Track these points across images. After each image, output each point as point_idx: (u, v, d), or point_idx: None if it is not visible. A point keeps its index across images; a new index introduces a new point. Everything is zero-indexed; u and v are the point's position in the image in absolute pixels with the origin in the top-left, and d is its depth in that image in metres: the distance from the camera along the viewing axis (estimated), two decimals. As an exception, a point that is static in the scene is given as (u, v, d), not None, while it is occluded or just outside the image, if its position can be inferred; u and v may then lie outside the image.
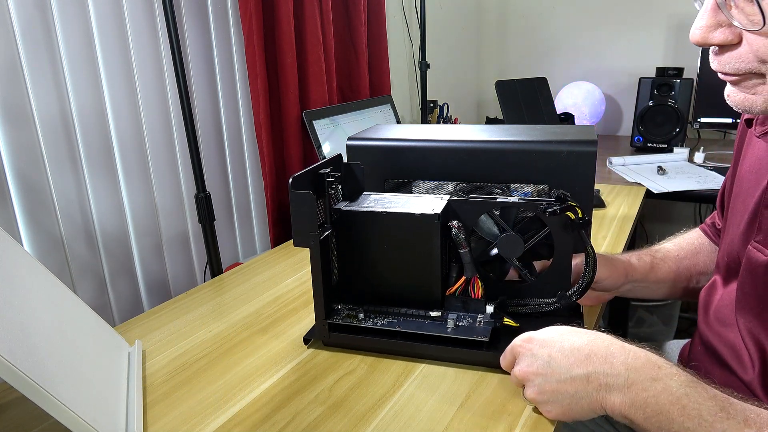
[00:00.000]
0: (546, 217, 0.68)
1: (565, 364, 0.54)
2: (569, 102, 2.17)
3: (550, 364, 0.55)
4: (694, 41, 0.53)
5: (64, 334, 0.59)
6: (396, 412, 0.62)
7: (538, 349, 0.56)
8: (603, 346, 0.54)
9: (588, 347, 0.54)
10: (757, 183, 0.66)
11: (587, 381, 0.53)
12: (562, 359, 0.54)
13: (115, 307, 1.08)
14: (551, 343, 0.56)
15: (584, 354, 0.54)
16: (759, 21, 0.47)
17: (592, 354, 0.54)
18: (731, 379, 0.67)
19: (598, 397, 0.53)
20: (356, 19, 1.51)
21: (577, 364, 0.54)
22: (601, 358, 0.53)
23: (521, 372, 0.57)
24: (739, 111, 0.56)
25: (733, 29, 0.51)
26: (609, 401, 0.52)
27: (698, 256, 0.87)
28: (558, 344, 0.56)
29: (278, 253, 1.13)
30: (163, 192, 1.14)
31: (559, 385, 0.54)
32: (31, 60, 0.90)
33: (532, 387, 0.57)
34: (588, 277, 0.70)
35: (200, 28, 1.20)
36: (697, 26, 0.52)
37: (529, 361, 0.57)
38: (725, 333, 0.69)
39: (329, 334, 0.72)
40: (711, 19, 0.51)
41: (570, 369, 0.54)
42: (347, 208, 0.71)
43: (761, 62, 0.50)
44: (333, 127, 1.36)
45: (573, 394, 0.54)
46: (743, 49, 0.51)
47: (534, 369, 0.56)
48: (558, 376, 0.54)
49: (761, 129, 0.66)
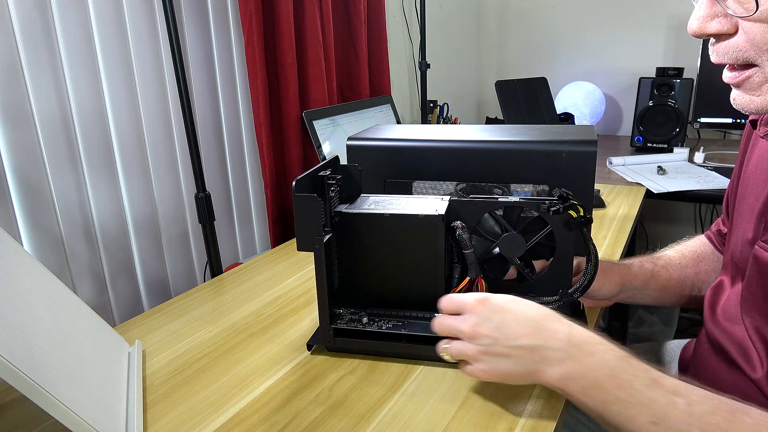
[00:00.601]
0: (548, 215, 0.68)
1: (516, 332, 0.57)
2: (569, 102, 2.17)
3: (502, 330, 0.57)
4: (691, 32, 0.54)
5: (64, 334, 0.59)
6: (396, 412, 0.62)
7: (493, 313, 0.58)
8: (551, 321, 0.57)
9: (538, 319, 0.57)
10: (763, 183, 0.66)
11: (531, 351, 0.56)
12: (515, 327, 0.57)
13: (115, 307, 1.08)
14: (506, 310, 0.58)
15: (534, 326, 0.57)
16: (752, 7, 0.48)
17: (540, 327, 0.57)
18: (739, 377, 0.67)
19: (538, 367, 0.56)
20: (356, 19, 1.51)
21: (526, 335, 0.56)
22: (547, 332, 0.56)
23: (471, 329, 0.59)
24: (746, 113, 0.56)
25: (729, 19, 0.51)
26: (547, 374, 0.56)
27: (701, 264, 0.86)
28: (513, 312, 0.58)
29: (278, 253, 1.13)
30: (163, 192, 1.14)
31: (504, 350, 0.57)
32: (31, 60, 0.90)
33: (477, 346, 0.58)
34: (589, 274, 0.70)
35: (200, 28, 1.20)
36: (694, 17, 0.53)
37: (480, 321, 0.58)
38: (733, 331, 0.69)
39: (334, 340, 0.72)
40: (707, 9, 0.52)
41: (519, 338, 0.56)
42: (348, 210, 0.70)
43: (758, 51, 0.50)
44: (333, 127, 1.36)
45: (515, 360, 0.57)
46: (740, 38, 0.51)
47: (484, 330, 0.58)
48: (506, 341, 0.57)
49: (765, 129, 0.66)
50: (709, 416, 0.49)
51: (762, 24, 0.49)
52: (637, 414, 0.51)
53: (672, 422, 0.50)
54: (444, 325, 0.62)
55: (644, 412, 0.51)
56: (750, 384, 0.66)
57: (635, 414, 0.51)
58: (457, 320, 0.60)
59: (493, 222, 0.72)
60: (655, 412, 0.51)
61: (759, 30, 0.49)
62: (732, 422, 0.49)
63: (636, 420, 0.51)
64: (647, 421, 0.51)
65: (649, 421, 0.51)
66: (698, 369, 0.78)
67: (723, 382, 0.70)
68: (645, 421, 0.51)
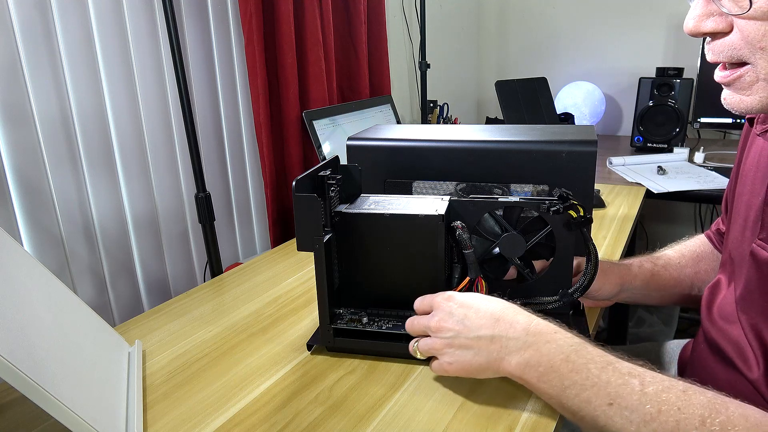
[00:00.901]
0: (548, 215, 0.68)
1: (476, 324, 0.60)
2: (569, 102, 2.17)
3: (464, 322, 0.60)
4: (687, 31, 0.54)
5: (64, 334, 0.59)
6: (396, 412, 0.62)
7: (456, 308, 0.62)
8: (511, 313, 0.60)
9: (498, 313, 0.60)
10: (761, 181, 0.66)
11: (491, 341, 0.59)
12: (475, 320, 0.60)
13: (115, 307, 1.08)
14: (468, 305, 0.61)
15: (494, 318, 0.60)
16: (745, 5, 0.48)
17: (500, 319, 0.59)
18: (736, 377, 0.67)
19: (498, 357, 0.58)
20: (356, 19, 1.51)
21: (486, 326, 0.59)
22: (506, 323, 0.59)
23: (437, 324, 0.62)
24: (737, 113, 0.56)
25: (724, 17, 0.52)
26: (506, 362, 0.58)
27: (700, 264, 0.86)
28: (474, 307, 0.61)
29: (278, 253, 1.13)
30: (163, 192, 1.14)
31: (466, 341, 0.60)
32: (31, 60, 0.90)
33: (441, 339, 0.62)
34: (589, 274, 0.70)
35: (200, 28, 1.20)
36: (690, 16, 0.54)
37: (445, 316, 0.62)
38: (730, 330, 0.69)
39: (334, 340, 0.72)
40: (703, 8, 0.53)
41: (479, 329, 0.59)
42: (348, 210, 0.70)
43: (752, 49, 0.51)
44: (333, 127, 1.36)
45: (476, 351, 0.59)
46: (734, 36, 0.52)
47: (449, 324, 0.61)
48: (468, 333, 0.60)
49: (761, 127, 0.66)
50: (662, 393, 0.51)
51: (756, 21, 0.49)
52: (593, 396, 0.53)
53: (626, 401, 0.51)
54: (414, 324, 0.65)
55: (600, 393, 0.52)
56: (747, 384, 0.66)
57: (591, 396, 0.53)
58: (426, 318, 0.64)
59: (493, 222, 0.72)
60: (610, 393, 0.52)
61: (753, 27, 0.50)
62: (685, 399, 0.50)
63: (592, 402, 0.53)
64: (603, 403, 0.52)
65: (605, 402, 0.52)
66: (696, 369, 0.78)
67: (720, 382, 0.70)
68: (601, 403, 0.52)
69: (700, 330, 0.78)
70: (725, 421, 0.48)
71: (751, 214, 0.68)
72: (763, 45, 0.49)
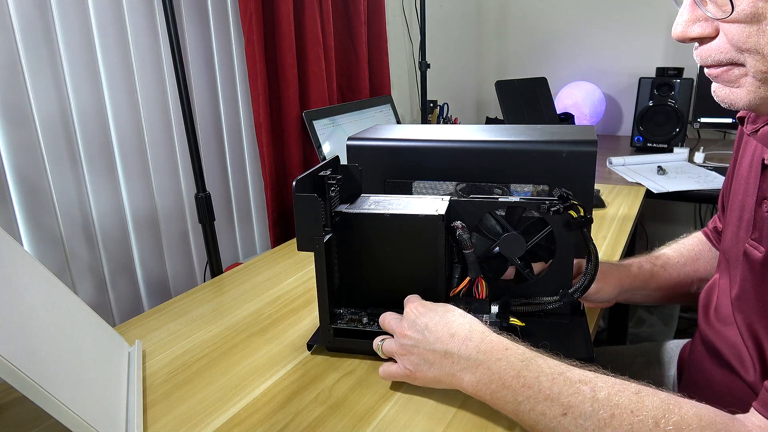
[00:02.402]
0: (549, 215, 0.68)
1: (434, 337, 0.61)
2: (569, 102, 2.17)
3: (423, 333, 0.62)
4: (675, 36, 0.55)
5: (64, 334, 0.59)
6: (396, 412, 0.62)
7: (420, 318, 0.63)
8: (466, 330, 0.60)
9: (455, 328, 0.61)
10: (754, 181, 0.66)
11: (444, 356, 0.60)
12: (434, 332, 0.61)
13: (115, 307, 1.08)
14: (431, 316, 0.63)
15: (449, 333, 0.60)
16: (728, 9, 0.49)
17: (455, 335, 0.60)
18: (733, 380, 0.67)
19: (451, 372, 0.59)
20: (356, 19, 1.51)
21: (441, 340, 0.60)
22: (459, 340, 0.60)
23: (400, 329, 0.64)
24: (725, 107, 0.56)
25: (710, 22, 0.52)
26: (460, 379, 0.59)
27: (699, 262, 0.87)
28: (436, 318, 0.62)
29: (278, 253, 1.13)
30: (163, 192, 1.14)
31: (423, 352, 0.61)
32: (31, 60, 0.90)
33: (402, 345, 0.63)
34: (590, 274, 0.70)
35: (200, 28, 1.20)
36: (678, 22, 0.54)
37: (409, 324, 0.63)
38: (726, 332, 0.69)
39: (334, 339, 0.72)
40: (689, 14, 0.53)
41: (434, 342, 0.61)
42: (348, 210, 0.70)
43: (738, 51, 0.51)
44: (333, 127, 1.36)
45: (431, 363, 0.61)
46: (720, 40, 0.52)
47: (410, 332, 0.63)
48: (425, 345, 0.61)
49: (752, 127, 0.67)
50: (614, 397, 0.51)
51: (739, 24, 0.50)
52: (547, 408, 0.53)
53: (579, 410, 0.51)
54: (385, 321, 0.67)
55: (553, 405, 0.53)
56: (744, 386, 0.66)
57: (545, 408, 0.53)
58: (395, 320, 0.66)
59: (494, 221, 0.72)
60: (563, 403, 0.52)
61: (737, 31, 0.50)
62: (637, 402, 0.50)
63: (547, 414, 0.53)
64: (558, 414, 0.52)
65: (559, 413, 0.52)
66: (693, 371, 0.78)
67: (717, 384, 0.70)
68: (555, 414, 0.52)
69: (697, 333, 0.78)
70: (679, 421, 0.48)
71: (744, 215, 0.68)
72: (749, 47, 0.50)
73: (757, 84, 0.51)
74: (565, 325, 0.74)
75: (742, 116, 0.70)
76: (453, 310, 0.64)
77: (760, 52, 0.49)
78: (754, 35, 0.49)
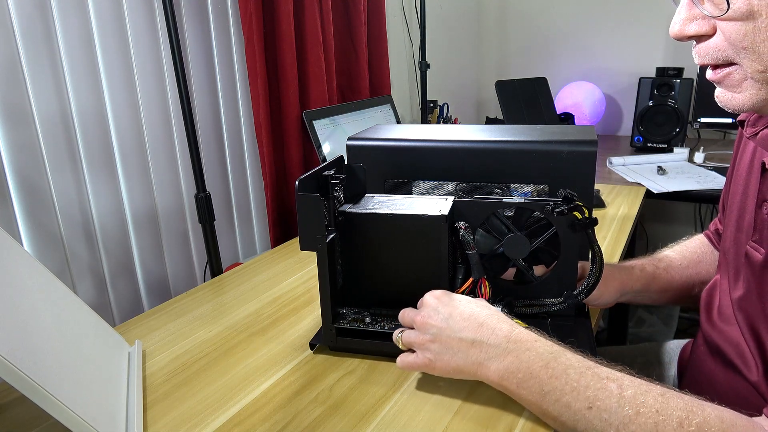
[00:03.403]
0: (553, 217, 0.68)
1: (459, 326, 0.60)
2: (569, 102, 2.17)
3: (447, 321, 0.61)
4: (672, 35, 0.55)
5: (64, 334, 0.59)
6: (396, 412, 0.62)
7: (442, 307, 0.62)
8: (494, 320, 0.60)
9: (483, 318, 0.61)
10: (754, 184, 0.67)
11: (471, 344, 0.59)
12: (459, 321, 0.61)
13: (115, 307, 1.08)
14: (455, 305, 0.62)
15: (478, 322, 0.60)
16: (724, 6, 0.49)
17: (483, 324, 0.60)
18: (736, 379, 0.67)
19: (477, 361, 0.59)
20: (356, 19, 1.51)
21: (468, 329, 0.60)
22: (488, 329, 0.59)
23: (421, 319, 0.63)
24: (729, 111, 0.57)
25: (707, 21, 0.53)
26: (485, 368, 0.59)
27: (701, 264, 0.87)
28: (460, 308, 0.62)
29: (278, 253, 1.13)
30: (163, 192, 1.14)
31: (447, 340, 0.60)
32: (31, 60, 0.90)
33: (424, 335, 0.62)
34: (594, 276, 0.70)
35: (200, 28, 1.20)
36: (675, 21, 0.55)
37: (431, 312, 0.62)
38: (729, 332, 0.69)
39: (336, 339, 0.72)
40: (687, 12, 0.54)
41: (461, 330, 0.60)
42: (352, 210, 0.70)
43: (735, 49, 0.51)
44: (333, 127, 1.36)
45: (456, 351, 0.60)
46: (718, 39, 0.52)
47: (433, 320, 0.62)
48: (450, 333, 0.60)
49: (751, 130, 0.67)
50: (640, 396, 0.52)
51: (735, 22, 0.50)
52: (573, 400, 0.53)
53: (605, 404, 0.52)
54: (404, 315, 0.66)
55: (579, 398, 0.53)
56: (746, 386, 0.66)
57: (570, 401, 0.53)
58: (414, 311, 0.65)
59: (498, 222, 0.72)
60: (589, 397, 0.53)
61: (733, 28, 0.50)
62: (663, 402, 0.51)
63: (572, 406, 0.53)
64: (583, 407, 0.53)
65: (584, 406, 0.53)
66: (695, 371, 0.78)
67: (719, 384, 0.70)
68: (581, 407, 0.53)
69: (699, 332, 0.78)
70: (702, 423, 0.49)
71: (744, 216, 0.68)
72: (746, 45, 0.50)
73: (758, 86, 0.52)
74: (569, 327, 0.74)
75: (742, 119, 0.70)
76: (476, 300, 0.64)
77: (756, 51, 0.49)
78: (750, 33, 0.49)
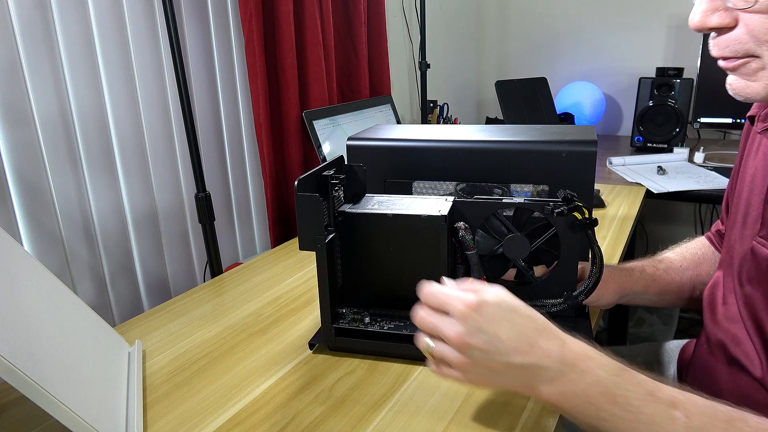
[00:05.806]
0: (553, 217, 0.68)
1: (509, 348, 0.53)
2: (569, 102, 2.17)
3: (494, 344, 0.52)
4: (692, 26, 0.54)
5: (64, 334, 0.59)
6: (396, 412, 0.62)
7: (486, 325, 0.53)
8: (545, 338, 0.54)
9: (533, 337, 0.53)
10: (762, 179, 0.66)
11: (522, 369, 0.53)
12: (508, 342, 0.53)
13: (115, 307, 1.08)
14: (500, 321, 0.53)
15: (528, 343, 0.53)
16: None
17: (534, 344, 0.53)
18: (741, 377, 0.67)
19: (528, 383, 0.54)
20: (356, 19, 1.51)
21: (518, 352, 0.53)
22: (540, 351, 0.53)
23: (460, 339, 0.53)
24: (740, 99, 0.56)
25: (729, 12, 0.52)
26: (539, 390, 0.53)
27: (701, 266, 0.86)
28: (506, 326, 0.53)
29: (278, 253, 1.13)
30: (163, 192, 1.14)
31: (495, 365, 0.53)
32: (31, 60, 0.90)
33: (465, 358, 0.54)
34: (594, 277, 0.70)
35: (200, 28, 1.20)
36: (696, 12, 0.54)
37: (471, 332, 0.53)
38: (734, 329, 0.69)
39: (335, 339, 0.72)
40: (708, 3, 0.53)
41: (511, 354, 0.53)
42: (352, 210, 0.70)
43: (758, 42, 0.50)
44: (333, 127, 1.36)
45: (503, 374, 0.54)
46: (740, 31, 0.52)
47: (475, 342, 0.53)
48: (498, 357, 0.53)
49: (762, 125, 0.66)
50: (708, 428, 0.49)
51: (761, 15, 0.49)
52: (634, 430, 0.50)
53: None
54: (427, 324, 0.55)
55: (641, 428, 0.50)
56: (751, 383, 0.66)
57: (632, 430, 0.50)
58: (444, 323, 0.54)
59: (498, 222, 0.72)
60: (654, 429, 0.49)
61: (758, 21, 0.49)
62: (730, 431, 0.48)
63: None
64: None
65: None
66: (698, 370, 0.78)
67: (723, 383, 0.70)
68: None
69: (702, 331, 0.78)
70: None
71: (751, 212, 0.68)
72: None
73: None
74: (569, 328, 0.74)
75: (752, 115, 0.70)
76: (517, 308, 0.55)
77: None
78: None
